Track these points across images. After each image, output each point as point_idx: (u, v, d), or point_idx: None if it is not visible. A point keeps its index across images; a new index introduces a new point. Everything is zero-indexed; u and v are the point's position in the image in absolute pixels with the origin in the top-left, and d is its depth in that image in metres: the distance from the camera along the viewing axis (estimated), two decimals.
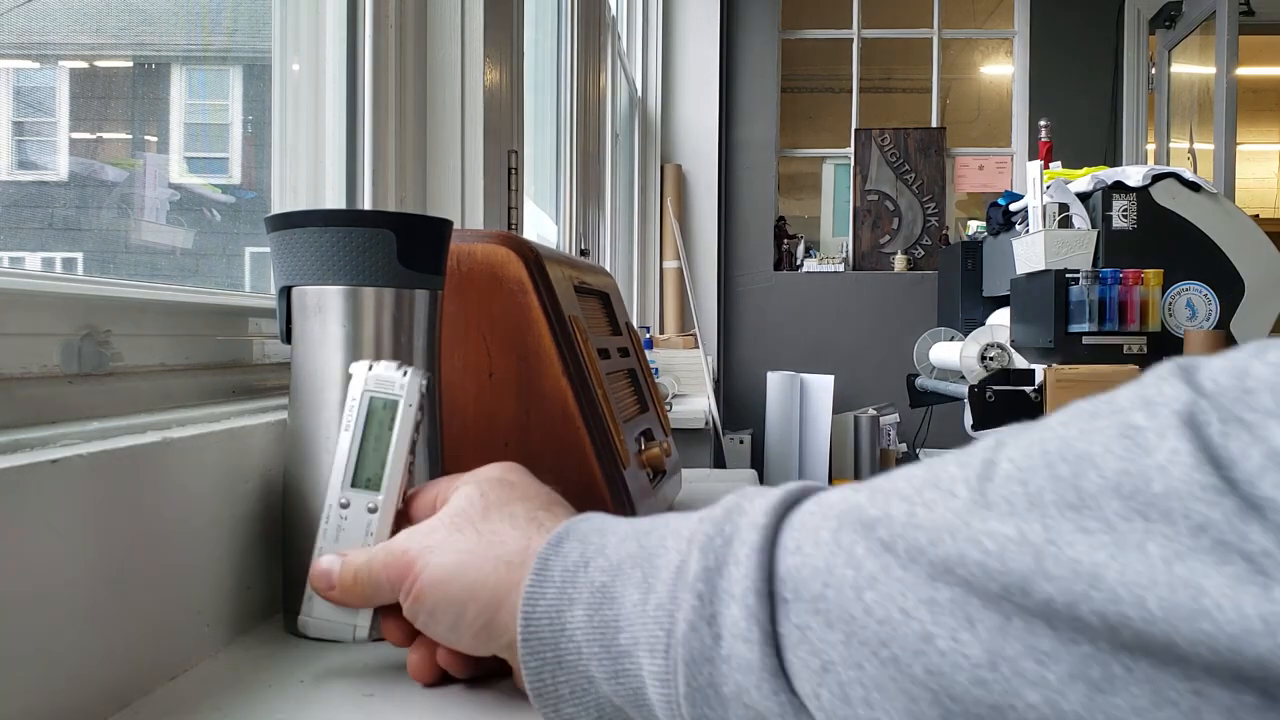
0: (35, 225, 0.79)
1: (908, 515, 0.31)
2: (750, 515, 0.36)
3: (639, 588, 0.37)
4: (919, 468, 0.33)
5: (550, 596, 0.39)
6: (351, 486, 0.48)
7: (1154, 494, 0.26)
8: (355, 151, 1.05)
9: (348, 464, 0.48)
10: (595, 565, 0.39)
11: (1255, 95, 6.39)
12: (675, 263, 4.36)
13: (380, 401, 0.49)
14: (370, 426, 0.48)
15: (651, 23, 4.31)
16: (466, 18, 1.15)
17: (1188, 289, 2.64)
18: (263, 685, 0.48)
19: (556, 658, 0.39)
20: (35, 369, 0.51)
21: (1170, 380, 0.28)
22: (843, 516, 0.33)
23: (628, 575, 0.38)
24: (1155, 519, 0.26)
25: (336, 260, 0.54)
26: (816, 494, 0.37)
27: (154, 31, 0.96)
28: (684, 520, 0.39)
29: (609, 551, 0.39)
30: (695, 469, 1.29)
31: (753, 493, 0.38)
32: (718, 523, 0.36)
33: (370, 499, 0.48)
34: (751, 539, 0.35)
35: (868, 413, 4.16)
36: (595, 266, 0.96)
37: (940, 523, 0.30)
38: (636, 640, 0.36)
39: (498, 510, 0.45)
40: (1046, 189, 2.76)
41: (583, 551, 0.40)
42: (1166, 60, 4.75)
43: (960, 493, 0.30)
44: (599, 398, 0.72)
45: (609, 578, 0.38)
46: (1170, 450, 0.26)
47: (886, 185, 4.86)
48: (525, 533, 0.43)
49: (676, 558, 0.37)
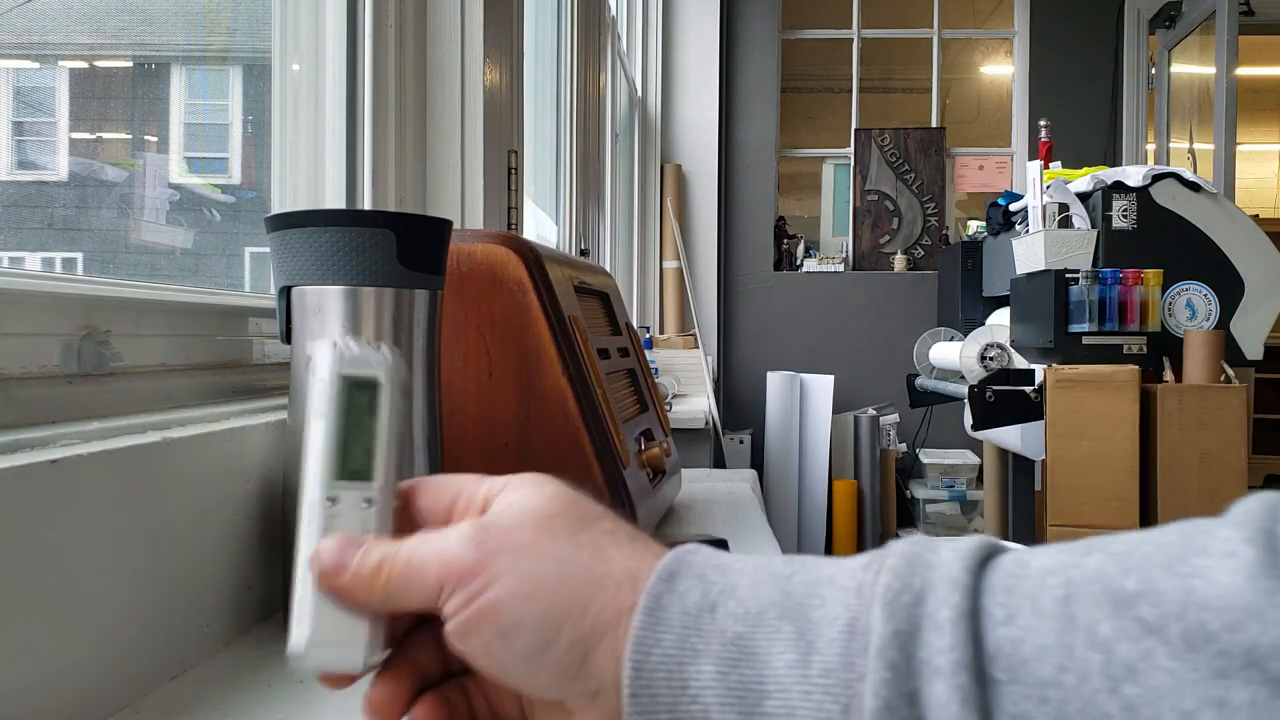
0: (35, 225, 0.79)
1: (1183, 590, 0.25)
2: (942, 569, 0.29)
3: (793, 645, 0.30)
4: (1164, 531, 0.27)
5: (668, 644, 0.31)
6: (338, 479, 0.39)
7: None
8: (355, 151, 1.05)
9: (327, 454, 0.39)
10: (725, 610, 0.31)
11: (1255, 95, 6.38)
12: (675, 263, 4.36)
13: (356, 382, 0.40)
14: (348, 410, 0.40)
15: (651, 23, 4.31)
16: (466, 18, 1.15)
17: (1188, 289, 2.64)
18: (263, 685, 0.48)
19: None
20: (35, 369, 0.51)
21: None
22: (1077, 585, 0.27)
23: (773, 627, 0.30)
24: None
25: (336, 260, 0.54)
26: (1009, 551, 0.30)
27: (154, 31, 0.96)
28: (836, 565, 0.32)
29: (741, 595, 0.31)
30: (695, 469, 1.29)
31: (929, 542, 0.31)
32: (900, 574, 0.30)
33: (364, 491, 0.39)
34: (953, 600, 0.28)
35: (868, 413, 4.16)
36: (595, 266, 0.96)
37: (1236, 599, 0.24)
38: (792, 711, 0.29)
39: (596, 523, 0.35)
40: (1046, 189, 2.77)
41: (705, 591, 0.32)
42: (1166, 60, 4.75)
43: (1243, 554, 0.25)
44: (599, 398, 0.72)
45: (746, 628, 0.30)
46: None
47: (886, 185, 4.86)
48: (632, 552, 0.34)
49: (843, 612, 0.30)
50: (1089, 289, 2.54)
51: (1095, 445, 2.37)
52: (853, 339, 4.70)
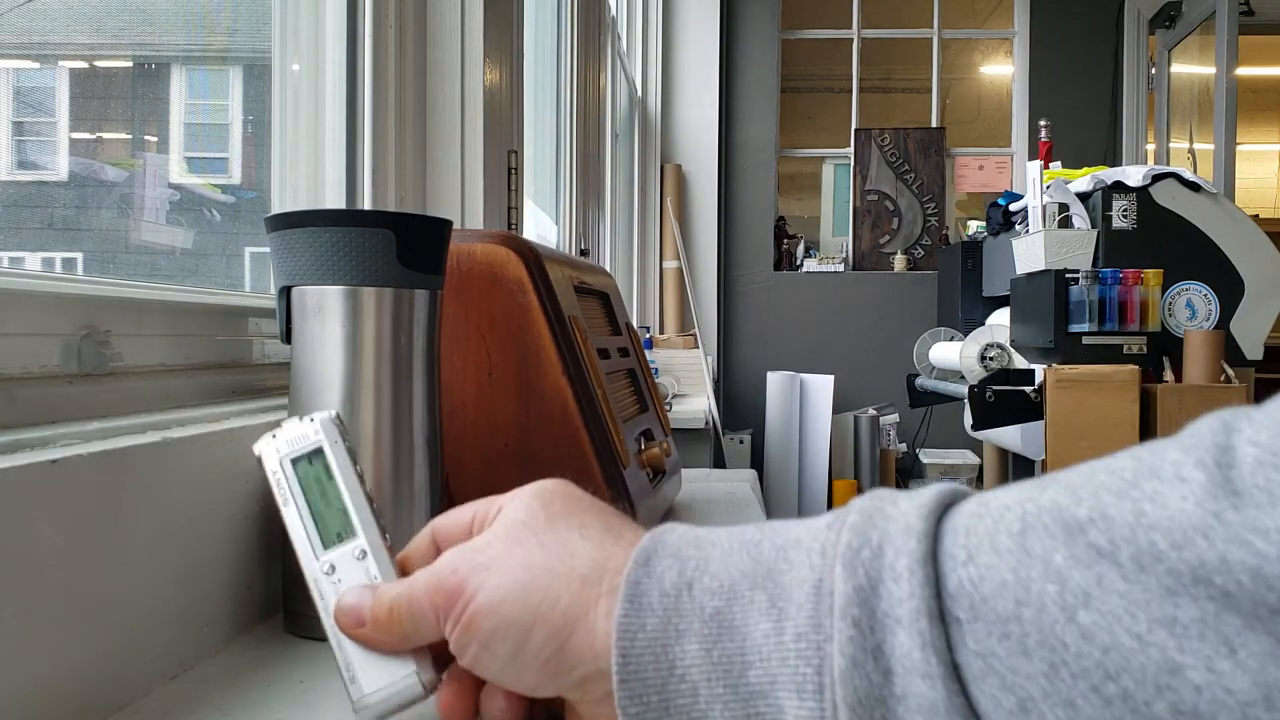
0: (35, 225, 0.79)
1: (1133, 514, 0.25)
2: (900, 519, 0.30)
3: (767, 614, 0.30)
4: (1117, 458, 0.28)
5: (651, 628, 0.32)
6: (326, 550, 0.41)
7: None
8: (355, 151, 1.05)
9: (309, 533, 0.41)
10: (701, 586, 0.32)
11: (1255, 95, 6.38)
12: (675, 263, 4.36)
13: (304, 457, 0.42)
14: (309, 486, 0.42)
15: (651, 23, 4.31)
16: (466, 18, 1.15)
17: (1188, 289, 2.64)
18: (262, 685, 0.48)
19: (664, 702, 0.31)
20: (35, 369, 0.51)
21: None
22: (1031, 518, 0.28)
23: (747, 598, 0.31)
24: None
25: (336, 260, 0.54)
26: (972, 495, 0.31)
27: (154, 31, 0.96)
28: (802, 527, 0.33)
29: (714, 569, 0.32)
30: (695, 469, 1.29)
31: (888, 494, 0.32)
32: (859, 529, 0.30)
33: (352, 546, 0.41)
34: (910, 547, 0.29)
35: (868, 413, 4.16)
36: (595, 266, 0.96)
37: (1184, 519, 0.24)
38: (774, 679, 0.30)
39: (564, 521, 0.37)
40: (1046, 189, 2.77)
41: (680, 570, 0.33)
42: (1166, 60, 4.75)
43: (1194, 477, 0.25)
44: (599, 398, 0.72)
45: (723, 602, 0.31)
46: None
47: (886, 185, 4.86)
48: (599, 544, 0.35)
49: (809, 574, 0.30)
50: (1089, 289, 2.54)
51: (1095, 445, 2.37)
52: (853, 339, 4.70)
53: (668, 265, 4.36)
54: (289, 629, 0.56)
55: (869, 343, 4.69)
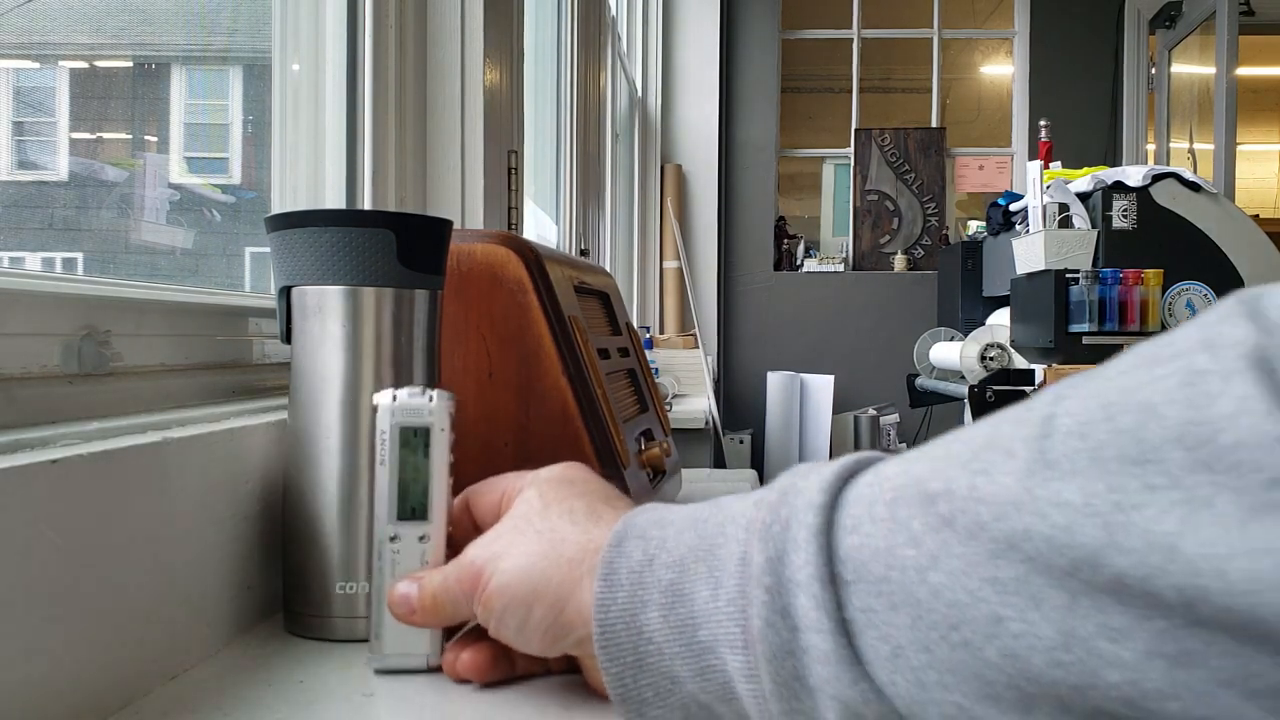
0: (35, 225, 0.79)
1: (969, 488, 0.29)
2: (806, 495, 0.35)
3: (707, 583, 0.36)
4: (979, 427, 0.32)
5: (622, 601, 0.38)
6: (398, 519, 0.48)
7: (1221, 446, 0.24)
8: (355, 151, 1.05)
9: (390, 498, 0.47)
10: (660, 562, 0.38)
11: (1255, 95, 6.38)
12: (675, 263, 4.36)
13: (411, 430, 0.48)
14: (405, 456, 0.48)
15: (651, 23, 4.31)
16: (466, 18, 1.15)
17: (1188, 289, 2.64)
18: (262, 685, 0.48)
19: (637, 661, 0.38)
20: (35, 369, 0.51)
21: (1233, 319, 0.26)
22: (900, 490, 0.32)
23: (694, 570, 0.37)
24: (1223, 472, 0.24)
25: (336, 260, 0.54)
26: (875, 465, 0.35)
27: (154, 31, 0.96)
28: (740, 503, 0.38)
29: (670, 545, 0.38)
30: (695, 469, 1.29)
31: (806, 469, 0.37)
32: (773, 507, 0.35)
33: (419, 529, 0.48)
34: (809, 521, 0.33)
35: (868, 413, 4.16)
36: (595, 266, 0.96)
37: (1002, 494, 0.28)
38: (716, 637, 0.35)
39: (556, 508, 0.44)
40: (1046, 189, 2.76)
41: (645, 549, 0.39)
42: (1166, 60, 4.75)
43: (1019, 452, 0.29)
44: (599, 398, 0.72)
45: (676, 574, 0.37)
46: (1238, 397, 0.24)
47: (886, 185, 4.86)
48: (584, 529, 0.42)
49: (738, 548, 0.36)
50: (1089, 289, 2.54)
51: None
52: (853, 339, 4.70)
53: (668, 265, 4.36)
54: (289, 629, 0.56)
55: (869, 343, 4.69)
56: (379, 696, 0.47)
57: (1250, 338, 0.25)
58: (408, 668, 0.48)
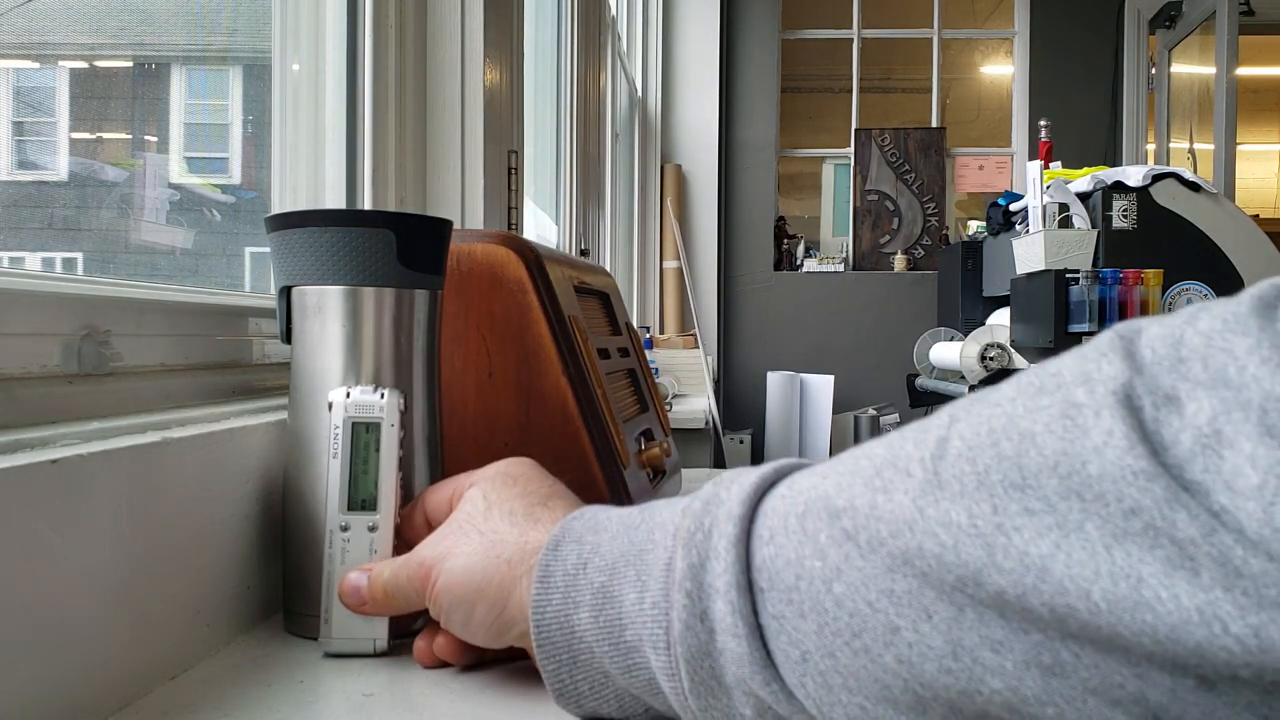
0: (35, 225, 0.79)
1: (869, 505, 0.31)
2: (727, 505, 0.37)
3: (634, 586, 0.38)
4: (881, 443, 0.34)
5: (556, 603, 0.41)
6: (348, 510, 0.50)
7: (1089, 476, 0.26)
8: (355, 151, 1.05)
9: (341, 489, 0.50)
10: (593, 566, 0.40)
11: (1255, 95, 6.38)
12: (675, 263, 4.36)
13: (363, 425, 0.51)
14: (356, 450, 0.50)
15: (651, 23, 4.31)
16: (466, 18, 1.15)
17: (1188, 289, 2.64)
18: (263, 685, 0.48)
19: (571, 658, 0.40)
20: (35, 369, 0.51)
21: (1109, 355, 0.28)
22: (810, 503, 0.34)
23: (623, 574, 0.39)
24: (1091, 500, 0.26)
25: (336, 260, 0.54)
26: (791, 475, 0.37)
27: (154, 31, 0.96)
28: (669, 510, 0.40)
29: (603, 550, 0.40)
30: (695, 469, 1.29)
31: (730, 478, 0.39)
32: (697, 516, 0.37)
33: (369, 519, 0.50)
34: (729, 531, 0.36)
35: (868, 413, 4.16)
36: (595, 266, 0.96)
37: (899, 513, 0.30)
38: (641, 638, 0.38)
39: (497, 509, 0.47)
40: (1046, 189, 2.76)
41: (579, 553, 0.41)
42: (1166, 60, 4.74)
43: (915, 472, 0.30)
44: (599, 398, 0.72)
45: (606, 578, 0.40)
46: (1105, 431, 0.26)
47: (886, 185, 4.86)
48: (522, 530, 0.45)
49: (664, 554, 0.38)
50: (1089, 289, 2.54)
51: None
52: (853, 339, 4.70)
53: (668, 265, 4.36)
54: (289, 629, 0.56)
55: (869, 343, 4.69)
56: (378, 696, 0.47)
57: (1121, 375, 0.27)
58: (356, 651, 0.51)
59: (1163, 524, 0.25)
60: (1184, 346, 0.27)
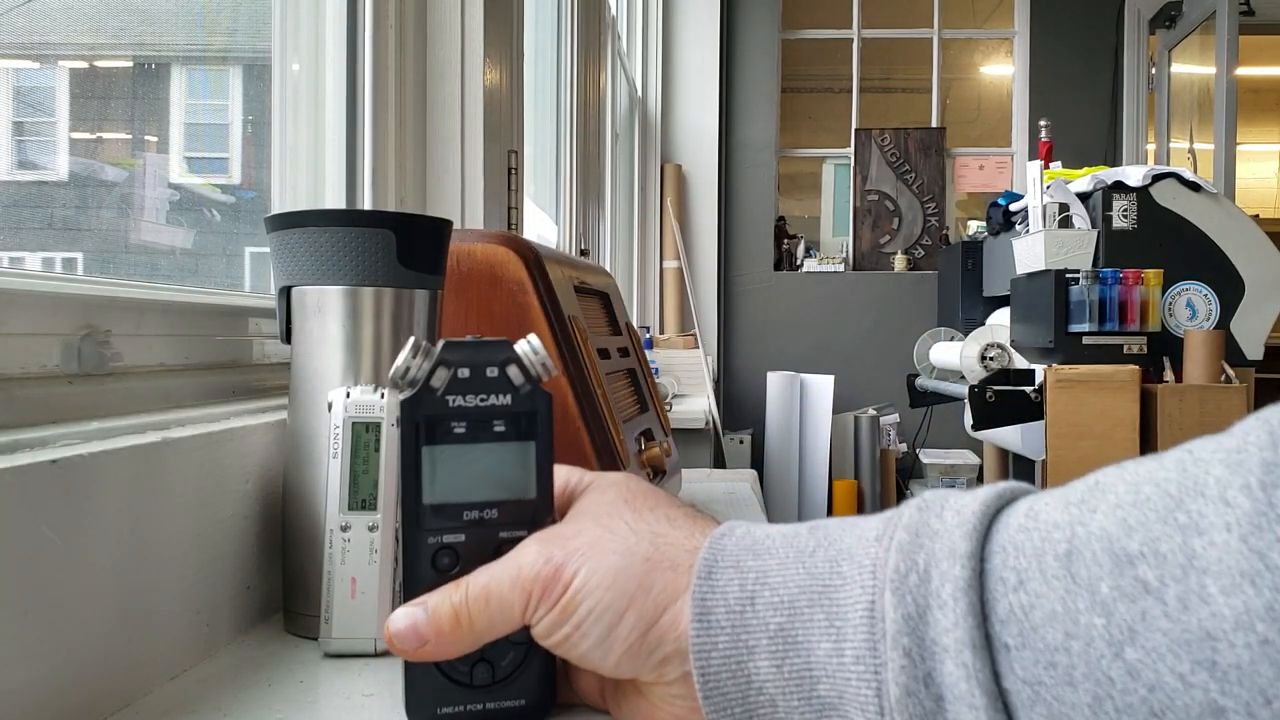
0: (35, 225, 0.79)
1: (1183, 550, 0.25)
2: (946, 538, 0.30)
3: (826, 634, 0.32)
4: (1156, 463, 0.28)
5: (724, 645, 0.34)
6: (349, 510, 0.50)
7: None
8: (355, 151, 1.05)
9: (341, 490, 0.50)
10: (763, 601, 0.33)
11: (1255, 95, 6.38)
12: (675, 263, 4.36)
13: (363, 425, 0.50)
14: (357, 450, 0.50)
15: (651, 23, 4.31)
16: (466, 18, 1.15)
17: (1188, 289, 2.64)
18: (263, 685, 0.48)
19: (747, 713, 0.34)
20: (35, 369, 0.51)
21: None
22: (1079, 544, 0.28)
23: (807, 616, 0.32)
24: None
25: (336, 260, 0.54)
26: (1022, 501, 0.31)
27: (154, 31, 0.96)
28: (852, 534, 0.34)
29: (773, 581, 0.34)
30: (695, 469, 1.29)
31: (936, 501, 0.32)
32: (905, 551, 0.31)
33: (369, 519, 0.50)
34: (955, 574, 0.29)
35: (868, 413, 4.16)
36: (595, 266, 0.96)
37: (1229, 560, 0.24)
38: (842, 695, 0.31)
39: (651, 513, 0.39)
40: (1046, 189, 2.76)
41: (741, 583, 0.34)
42: (1166, 60, 4.74)
43: (1239, 502, 0.24)
44: (599, 398, 0.72)
45: (785, 618, 0.33)
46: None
47: (886, 185, 4.85)
48: (689, 533, 0.37)
49: (862, 594, 0.31)
50: (1089, 289, 2.54)
51: (1095, 445, 2.37)
52: (853, 339, 4.70)
53: (668, 265, 4.36)
54: (289, 629, 0.56)
55: (869, 343, 4.68)
56: (378, 696, 0.47)
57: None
58: (356, 651, 0.50)
59: None
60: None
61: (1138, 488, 0.27)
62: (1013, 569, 0.29)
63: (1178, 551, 0.25)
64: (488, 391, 0.40)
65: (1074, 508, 0.29)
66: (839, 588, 0.32)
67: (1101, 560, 0.27)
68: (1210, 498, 0.25)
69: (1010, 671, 0.28)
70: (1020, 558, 0.29)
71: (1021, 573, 0.28)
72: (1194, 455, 0.27)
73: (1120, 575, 0.26)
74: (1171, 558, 0.25)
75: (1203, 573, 0.25)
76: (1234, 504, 0.25)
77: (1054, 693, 0.27)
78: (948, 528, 0.30)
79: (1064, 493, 0.30)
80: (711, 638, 0.34)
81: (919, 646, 0.29)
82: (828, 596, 0.32)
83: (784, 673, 0.32)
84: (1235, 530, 0.24)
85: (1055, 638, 0.27)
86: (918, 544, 0.31)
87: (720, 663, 0.33)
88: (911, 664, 0.29)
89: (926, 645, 0.29)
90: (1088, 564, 0.27)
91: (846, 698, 0.31)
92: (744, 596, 0.34)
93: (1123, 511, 0.27)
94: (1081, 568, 0.27)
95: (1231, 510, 0.25)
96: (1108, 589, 0.26)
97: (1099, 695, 0.26)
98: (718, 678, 0.34)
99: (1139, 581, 0.26)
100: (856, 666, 0.31)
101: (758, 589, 0.34)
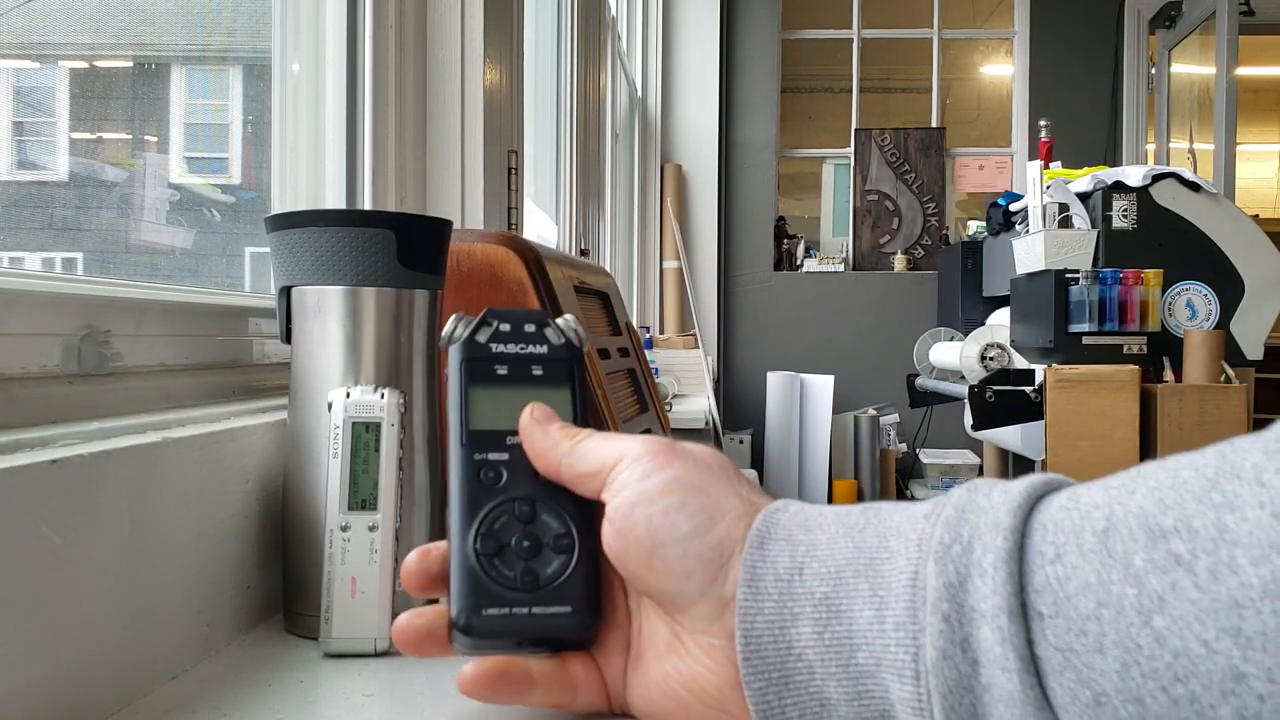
0: (35, 225, 0.79)
1: (1215, 526, 0.26)
2: (990, 514, 0.31)
3: (869, 602, 0.33)
4: (1197, 455, 0.29)
5: (769, 611, 0.34)
6: (349, 510, 0.50)
7: None
8: (355, 151, 1.05)
9: (341, 489, 0.50)
10: (810, 571, 0.34)
11: (1255, 95, 6.38)
12: (675, 263, 4.36)
13: (363, 425, 0.51)
14: (357, 450, 0.50)
15: (651, 23, 4.31)
16: (466, 18, 1.15)
17: (1188, 289, 2.64)
18: (263, 685, 0.48)
19: (784, 678, 0.34)
20: (35, 369, 0.51)
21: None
22: (1116, 520, 0.29)
23: (852, 586, 0.33)
24: None
25: (336, 260, 0.54)
26: (1065, 488, 0.32)
27: (154, 31, 0.96)
28: (903, 514, 0.35)
29: (821, 554, 0.35)
30: None
31: (985, 486, 0.34)
32: (951, 525, 0.32)
33: (369, 519, 0.50)
34: (996, 545, 0.30)
35: (868, 413, 4.16)
36: (595, 266, 0.96)
37: (1260, 534, 0.25)
38: (879, 662, 0.32)
39: (704, 463, 0.39)
40: (1046, 189, 2.76)
41: (792, 554, 0.35)
42: (1166, 60, 4.74)
43: (1275, 484, 0.25)
44: (599, 398, 0.72)
45: (830, 588, 0.34)
46: None
47: (886, 185, 4.85)
48: (752, 491, 0.39)
49: (906, 565, 0.32)
50: (1089, 289, 2.54)
51: (1095, 445, 2.37)
52: (853, 339, 4.70)
53: (668, 265, 4.36)
54: (289, 629, 0.56)
55: (869, 343, 4.68)
56: (378, 697, 0.47)
57: None
58: (356, 651, 0.50)
59: None
60: None
61: (1176, 472, 0.29)
62: (1051, 543, 0.30)
63: (1210, 526, 0.26)
64: (527, 342, 0.43)
65: (1114, 490, 0.30)
66: (885, 560, 0.33)
67: (1137, 535, 0.28)
68: (1246, 480, 0.26)
69: (1043, 638, 0.29)
70: (1059, 534, 0.30)
71: (1059, 547, 0.30)
72: (1234, 446, 0.28)
73: (1154, 549, 0.27)
74: (1204, 532, 0.26)
75: (1233, 545, 0.26)
76: (1269, 485, 0.26)
77: (1084, 659, 0.28)
78: (993, 504, 0.32)
79: (1106, 480, 0.31)
80: (758, 603, 0.35)
81: (958, 612, 0.30)
82: (873, 568, 0.33)
83: (825, 639, 0.33)
84: (1268, 508, 0.25)
85: (1088, 607, 0.28)
86: (963, 519, 0.32)
87: (764, 627, 0.34)
88: (950, 628, 0.30)
89: (965, 611, 0.30)
90: (1123, 539, 0.28)
91: (884, 664, 0.32)
92: (793, 567, 0.35)
93: (1160, 493, 0.28)
94: (1117, 542, 0.28)
95: (1266, 490, 0.26)
96: (1141, 561, 0.27)
97: (1126, 661, 0.27)
98: (759, 641, 0.34)
99: (1171, 554, 0.27)
100: (896, 633, 0.32)
101: (806, 560, 0.35)
